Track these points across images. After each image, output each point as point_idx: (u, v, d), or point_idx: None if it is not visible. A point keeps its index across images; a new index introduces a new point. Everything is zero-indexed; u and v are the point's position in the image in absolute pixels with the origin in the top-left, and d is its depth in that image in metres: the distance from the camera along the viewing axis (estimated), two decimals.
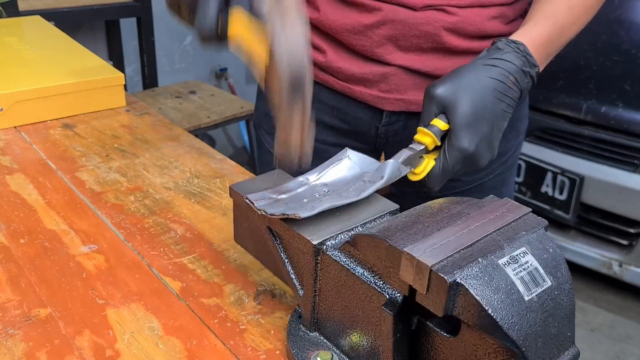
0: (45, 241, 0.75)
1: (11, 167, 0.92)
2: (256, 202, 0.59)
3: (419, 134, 0.70)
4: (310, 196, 0.61)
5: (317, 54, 0.95)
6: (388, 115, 0.95)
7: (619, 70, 2.22)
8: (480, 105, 0.70)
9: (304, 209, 0.57)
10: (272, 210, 0.58)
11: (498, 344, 0.43)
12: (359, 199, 0.59)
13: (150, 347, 0.59)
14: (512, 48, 0.74)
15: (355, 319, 0.54)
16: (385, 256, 0.48)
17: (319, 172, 0.64)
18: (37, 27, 1.43)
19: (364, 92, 0.93)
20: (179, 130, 1.07)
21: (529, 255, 0.46)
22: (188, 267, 0.71)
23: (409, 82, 0.91)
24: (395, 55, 0.89)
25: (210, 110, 2.54)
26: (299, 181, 0.63)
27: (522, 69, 0.73)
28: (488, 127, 0.72)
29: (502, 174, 1.04)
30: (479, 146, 0.71)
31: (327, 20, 0.91)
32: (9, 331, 0.61)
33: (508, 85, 0.72)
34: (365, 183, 0.62)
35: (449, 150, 0.71)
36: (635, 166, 2.12)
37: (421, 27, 0.86)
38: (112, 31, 2.73)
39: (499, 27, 0.89)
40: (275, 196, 0.61)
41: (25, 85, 1.05)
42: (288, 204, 0.59)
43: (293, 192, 0.62)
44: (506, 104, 0.73)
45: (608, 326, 2.23)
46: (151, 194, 0.86)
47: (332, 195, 0.60)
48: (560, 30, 0.80)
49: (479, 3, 0.87)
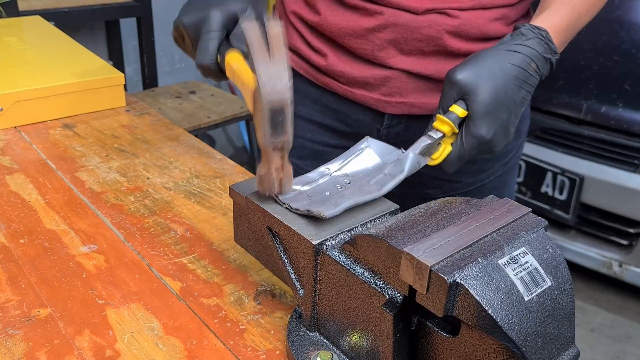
0: (45, 241, 0.75)
1: (11, 167, 0.92)
2: (280, 196, 0.60)
3: (437, 122, 0.71)
4: (332, 188, 0.61)
5: (318, 57, 0.95)
6: (390, 118, 0.95)
7: (619, 70, 2.22)
8: (502, 94, 0.70)
9: (327, 205, 0.57)
10: (296, 205, 0.58)
11: (498, 344, 0.43)
12: (380, 194, 0.60)
13: (150, 347, 0.59)
14: (535, 34, 0.73)
15: (355, 319, 0.54)
16: (385, 256, 0.48)
17: (341, 161, 0.65)
18: (37, 27, 1.43)
19: (365, 95, 0.93)
20: (179, 130, 1.07)
21: (528, 255, 0.46)
22: (188, 267, 0.71)
23: (410, 86, 0.91)
24: (397, 59, 0.89)
25: (210, 110, 2.54)
26: (321, 171, 0.64)
27: (544, 56, 0.73)
28: (507, 115, 0.71)
29: (503, 175, 1.03)
30: (496, 133, 0.71)
31: (328, 24, 0.91)
32: (9, 331, 0.61)
33: (529, 73, 0.72)
34: (386, 176, 0.63)
35: (466, 136, 0.71)
36: (635, 166, 2.12)
37: (423, 31, 0.86)
38: (112, 31, 2.73)
39: (501, 28, 0.89)
40: (298, 187, 0.61)
41: (25, 85, 1.05)
42: (311, 196, 0.60)
43: (315, 184, 0.62)
44: (525, 91, 0.72)
45: (608, 326, 2.23)
46: (151, 194, 0.86)
47: (353, 189, 0.61)
48: (578, 17, 0.80)
49: (481, 5, 0.86)
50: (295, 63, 0.99)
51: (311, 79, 0.98)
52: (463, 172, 1.00)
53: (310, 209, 0.56)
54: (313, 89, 0.99)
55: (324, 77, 0.96)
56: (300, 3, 0.96)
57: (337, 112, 0.98)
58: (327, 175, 0.63)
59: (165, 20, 2.90)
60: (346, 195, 0.59)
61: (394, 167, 0.64)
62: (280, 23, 0.58)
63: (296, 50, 0.98)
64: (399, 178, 0.62)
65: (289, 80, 0.57)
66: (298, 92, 1.00)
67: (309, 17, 0.94)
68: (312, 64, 0.97)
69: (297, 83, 1.00)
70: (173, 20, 0.77)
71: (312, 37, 0.95)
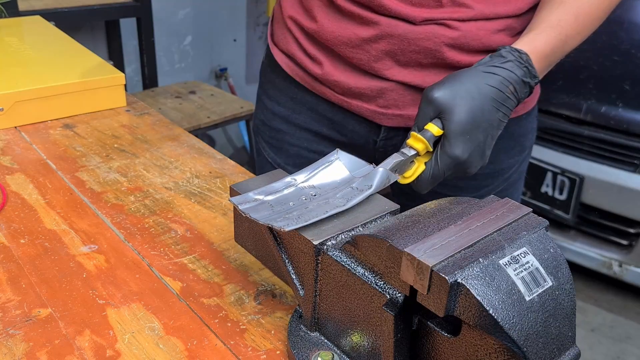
0: (45, 241, 0.75)
1: (11, 167, 0.92)
2: (240, 205, 0.58)
3: (412, 139, 0.69)
4: (297, 199, 0.60)
5: (314, 65, 0.93)
6: (386, 130, 0.93)
7: (619, 70, 2.22)
8: (478, 114, 0.69)
9: (288, 218, 0.56)
10: (256, 215, 0.57)
11: (499, 344, 0.43)
12: (344, 208, 0.58)
13: (150, 347, 0.59)
14: (515, 57, 0.72)
15: (356, 319, 0.54)
16: (386, 256, 0.48)
17: (308, 172, 0.63)
18: (37, 27, 1.43)
19: (361, 106, 0.91)
20: (179, 130, 1.07)
21: (529, 255, 0.46)
22: (188, 267, 0.71)
23: (408, 98, 0.88)
24: (393, 71, 0.86)
25: (210, 110, 2.54)
26: (287, 182, 0.62)
27: (523, 80, 0.72)
28: (483, 136, 0.71)
29: (504, 190, 1.01)
30: (471, 154, 0.70)
31: (324, 32, 0.88)
32: (10, 331, 0.60)
33: (507, 95, 0.71)
34: (353, 190, 0.61)
35: (441, 156, 0.70)
36: (635, 166, 2.12)
37: (421, 43, 0.83)
38: (112, 31, 2.73)
39: (506, 40, 0.85)
40: (261, 197, 0.60)
41: (25, 85, 1.05)
42: (274, 207, 0.58)
43: (279, 194, 0.60)
44: (502, 113, 0.71)
45: (608, 326, 2.23)
46: (151, 194, 0.86)
47: (318, 201, 0.59)
48: (565, 41, 0.78)
49: (483, 16, 0.83)
50: (291, 70, 0.97)
51: (307, 86, 0.96)
52: (463, 188, 0.98)
53: (271, 222, 0.55)
54: (309, 97, 0.97)
55: (320, 85, 0.94)
56: (298, 8, 0.93)
57: (332, 122, 0.96)
58: (292, 185, 0.62)
59: (165, 20, 2.91)
60: (310, 208, 0.58)
61: (362, 182, 0.62)
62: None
63: (292, 56, 0.96)
64: (367, 193, 0.61)
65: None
66: (294, 100, 0.99)
67: (306, 24, 0.91)
68: (308, 72, 0.94)
69: (293, 90, 0.99)
70: (173, 20, 0.76)
71: (309, 44, 0.93)
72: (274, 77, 1.02)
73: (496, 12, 0.83)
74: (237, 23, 3.21)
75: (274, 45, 1.01)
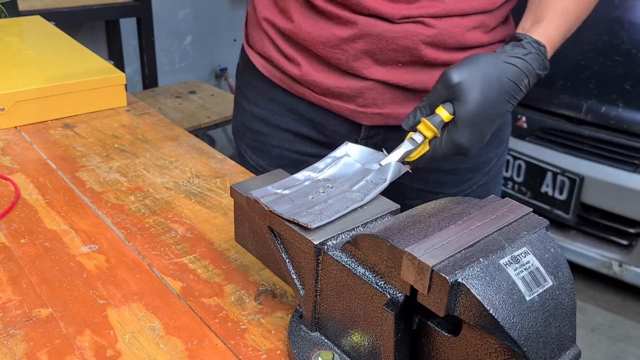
0: (45, 241, 0.75)
1: (11, 167, 0.92)
2: (262, 199, 0.59)
3: (422, 125, 0.71)
4: (314, 192, 0.61)
5: (292, 66, 0.92)
6: (367, 129, 0.93)
7: (619, 70, 2.22)
8: (489, 105, 0.70)
9: (312, 214, 0.57)
10: (278, 209, 0.58)
11: (499, 344, 0.43)
12: (364, 203, 0.60)
13: (151, 347, 0.59)
14: (535, 49, 0.73)
15: (357, 319, 0.54)
16: (387, 256, 0.48)
17: (320, 167, 0.65)
18: (37, 27, 1.43)
19: (341, 106, 0.91)
20: (179, 130, 1.07)
21: (530, 255, 0.46)
22: (189, 267, 0.71)
23: (387, 96, 0.88)
24: (372, 70, 0.86)
25: (210, 110, 2.54)
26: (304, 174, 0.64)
27: (537, 72, 0.73)
28: (489, 127, 0.72)
29: (485, 184, 1.02)
30: (475, 142, 0.72)
31: (301, 32, 0.87)
32: (10, 331, 0.60)
33: (520, 88, 0.72)
34: (368, 183, 0.63)
35: (446, 141, 0.71)
36: (635, 166, 2.12)
37: (399, 42, 0.83)
38: (112, 31, 2.73)
39: (480, 37, 0.86)
40: (280, 191, 0.61)
41: (25, 85, 1.05)
42: (294, 200, 0.59)
43: (297, 188, 0.62)
44: (511, 105, 0.73)
45: (608, 326, 2.23)
46: (151, 194, 0.86)
47: (337, 196, 0.60)
48: (570, 27, 0.80)
49: (459, 11, 0.83)
50: (269, 72, 0.97)
51: (286, 87, 0.96)
52: (445, 183, 0.99)
53: (296, 217, 0.56)
54: (288, 98, 0.96)
55: (299, 86, 0.93)
56: (273, 9, 0.92)
57: (313, 122, 0.96)
58: (308, 179, 0.64)
59: (165, 20, 2.91)
60: (330, 203, 0.59)
61: (376, 175, 0.64)
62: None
63: (269, 58, 0.95)
64: (382, 187, 0.63)
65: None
66: (273, 101, 0.99)
67: (282, 25, 0.90)
68: (286, 73, 0.94)
69: (271, 92, 0.99)
70: (173, 20, 0.76)
71: (286, 45, 0.92)
72: (251, 80, 1.02)
73: (471, 7, 0.84)
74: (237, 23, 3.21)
75: (249, 48, 1.01)
